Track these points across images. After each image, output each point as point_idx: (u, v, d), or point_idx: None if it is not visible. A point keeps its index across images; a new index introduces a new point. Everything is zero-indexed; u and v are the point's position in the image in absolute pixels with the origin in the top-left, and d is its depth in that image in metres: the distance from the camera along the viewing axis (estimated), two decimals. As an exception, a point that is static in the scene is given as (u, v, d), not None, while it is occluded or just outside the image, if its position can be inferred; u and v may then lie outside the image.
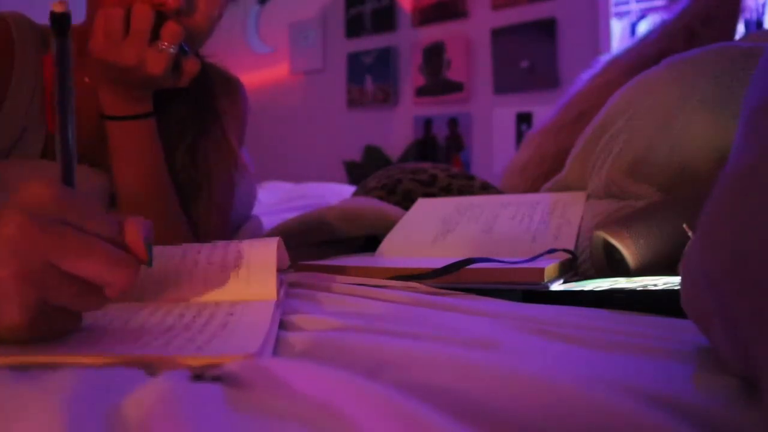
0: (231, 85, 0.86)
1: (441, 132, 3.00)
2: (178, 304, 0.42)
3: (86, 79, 0.69)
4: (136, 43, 0.61)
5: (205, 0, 0.65)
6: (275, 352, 0.34)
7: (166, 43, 0.62)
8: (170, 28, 0.62)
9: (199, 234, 0.76)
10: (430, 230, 0.77)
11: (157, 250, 0.48)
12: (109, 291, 0.33)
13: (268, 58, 3.57)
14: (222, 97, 0.82)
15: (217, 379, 0.29)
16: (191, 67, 0.66)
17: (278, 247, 0.48)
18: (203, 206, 0.77)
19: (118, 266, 0.32)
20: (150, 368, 0.29)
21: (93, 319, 0.37)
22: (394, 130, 3.14)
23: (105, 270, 0.32)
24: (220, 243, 0.49)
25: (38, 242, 0.30)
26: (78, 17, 0.75)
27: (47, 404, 0.23)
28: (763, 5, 1.40)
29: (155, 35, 0.62)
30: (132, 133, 0.68)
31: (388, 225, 0.85)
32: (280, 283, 0.46)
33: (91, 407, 0.23)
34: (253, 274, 0.45)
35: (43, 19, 0.73)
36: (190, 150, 0.76)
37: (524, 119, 2.73)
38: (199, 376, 0.29)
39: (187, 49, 0.65)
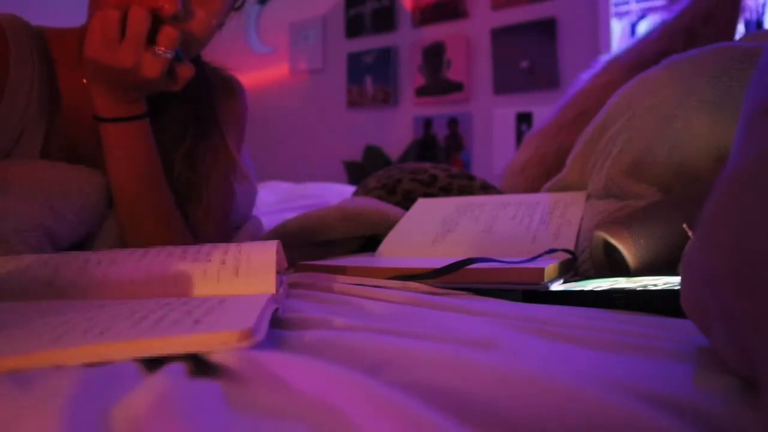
0: (230, 88, 0.85)
1: (441, 132, 3.00)
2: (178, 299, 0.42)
3: (84, 81, 0.69)
4: (132, 46, 0.61)
5: (203, 7, 0.65)
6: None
7: (162, 48, 0.62)
8: (167, 33, 0.62)
9: (197, 238, 0.76)
10: (430, 230, 0.77)
11: (155, 250, 0.49)
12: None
13: (268, 58, 3.58)
14: (222, 101, 0.82)
15: (215, 369, 0.29)
16: (185, 72, 0.67)
17: (277, 250, 0.47)
18: (201, 211, 0.77)
19: None
20: (146, 360, 0.29)
21: (88, 318, 0.37)
22: (394, 130, 3.14)
23: None
24: (220, 245, 0.49)
25: None
26: (78, 18, 0.75)
27: (43, 408, 0.23)
28: (763, 5, 1.40)
29: (151, 39, 0.62)
30: (125, 135, 0.68)
31: (388, 225, 0.85)
32: (280, 283, 0.46)
33: (88, 409, 0.23)
34: (252, 274, 0.45)
35: (37, 20, 0.74)
36: (188, 155, 0.76)
37: (524, 119, 2.73)
38: (197, 360, 0.29)
39: (181, 55, 0.65)
